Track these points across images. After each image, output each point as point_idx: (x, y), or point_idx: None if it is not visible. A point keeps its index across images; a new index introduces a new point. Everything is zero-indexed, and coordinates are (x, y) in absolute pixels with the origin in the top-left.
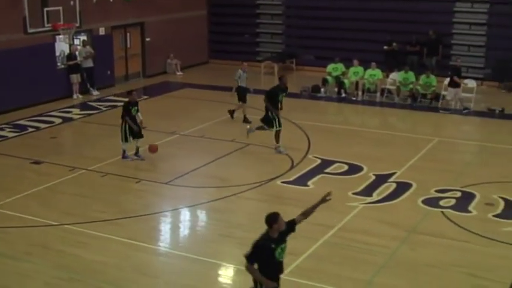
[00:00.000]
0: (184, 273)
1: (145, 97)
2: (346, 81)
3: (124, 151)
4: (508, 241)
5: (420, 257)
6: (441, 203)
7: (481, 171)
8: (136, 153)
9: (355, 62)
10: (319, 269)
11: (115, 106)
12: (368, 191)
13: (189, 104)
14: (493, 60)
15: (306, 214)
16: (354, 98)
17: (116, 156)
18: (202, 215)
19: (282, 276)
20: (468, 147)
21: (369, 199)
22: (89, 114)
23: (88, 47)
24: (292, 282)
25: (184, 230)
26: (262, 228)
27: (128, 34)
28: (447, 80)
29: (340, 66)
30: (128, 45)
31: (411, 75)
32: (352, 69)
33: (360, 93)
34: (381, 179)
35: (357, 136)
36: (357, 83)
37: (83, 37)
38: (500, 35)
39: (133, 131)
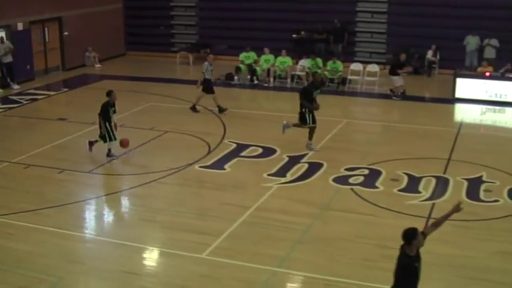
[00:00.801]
0: (109, 258)
1: (65, 90)
2: (258, 68)
3: (110, 150)
4: (412, 213)
5: (333, 231)
6: (350, 180)
7: (386, 149)
8: (109, 154)
9: (266, 50)
10: (237, 247)
11: (35, 99)
12: (282, 172)
13: None
14: (393, 46)
15: (437, 225)
16: (266, 85)
17: (38, 147)
18: (124, 202)
19: (202, 256)
20: (374, 127)
21: (283, 179)
22: (10, 108)
23: (7, 42)
24: (213, 261)
25: (107, 217)
26: (182, 211)
27: (46, 29)
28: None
29: (252, 55)
30: (47, 40)
31: (319, 62)
32: (263, 57)
33: (271, 79)
34: (294, 160)
35: (269, 120)
36: (268, 70)
37: (1, 33)
38: (400, 23)
39: (109, 131)
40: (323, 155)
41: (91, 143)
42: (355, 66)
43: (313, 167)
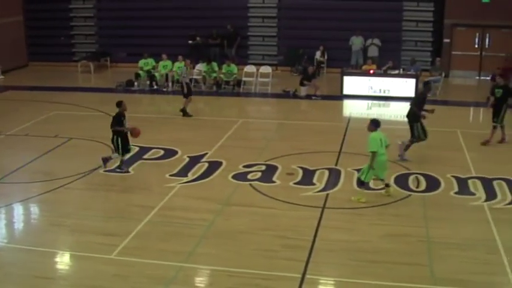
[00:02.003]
0: (21, 264)
1: None
2: (156, 74)
3: (122, 161)
4: (308, 204)
5: (234, 225)
6: (249, 176)
7: (281, 145)
8: (120, 166)
9: (164, 56)
10: (144, 246)
11: None
12: (183, 172)
13: (12, 105)
14: (284, 48)
15: None
16: (165, 89)
17: None
18: (33, 208)
19: (111, 256)
20: (268, 125)
21: (185, 179)
22: None
23: None
24: (122, 261)
25: (18, 224)
26: (90, 214)
27: None
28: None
29: (151, 61)
30: None
31: (214, 65)
32: (161, 63)
33: (169, 84)
34: (195, 160)
35: (170, 123)
36: (166, 75)
37: None
38: (289, 26)
39: (125, 144)
40: (222, 154)
41: (105, 160)
42: (249, 69)
43: (213, 166)
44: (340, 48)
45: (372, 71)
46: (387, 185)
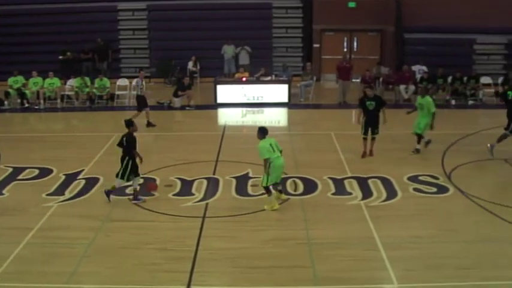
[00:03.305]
0: None
1: None
2: (27, 91)
3: (136, 190)
4: (188, 214)
5: (115, 241)
6: (127, 190)
7: (159, 157)
8: (136, 197)
9: (34, 73)
10: (24, 270)
11: None
12: (60, 191)
13: None
14: (156, 60)
15: None
16: (37, 107)
17: None
18: None
19: None
20: (145, 138)
21: (62, 198)
22: None
23: None
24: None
25: None
26: None
27: None
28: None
29: (20, 79)
30: None
31: (87, 80)
32: (31, 80)
33: (41, 101)
34: (71, 178)
35: (43, 141)
36: (37, 92)
37: None
38: (161, 37)
39: (134, 168)
40: (98, 169)
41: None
42: (122, 82)
43: (91, 182)
44: (212, 57)
45: (244, 79)
46: (281, 191)
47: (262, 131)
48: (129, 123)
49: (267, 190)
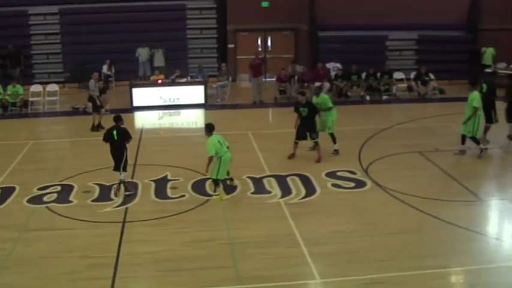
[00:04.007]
0: None
1: None
2: None
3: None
4: (108, 220)
5: (35, 251)
6: (45, 199)
7: (76, 163)
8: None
9: None
10: None
11: None
12: None
13: None
14: (70, 65)
15: None
16: None
17: None
18: None
19: None
20: (61, 144)
21: None
22: None
23: None
24: None
25: None
26: None
27: None
28: None
29: None
30: None
31: None
32: None
33: None
34: None
35: None
36: None
37: None
38: (74, 41)
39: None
40: (14, 179)
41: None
42: (35, 88)
43: (6, 192)
44: (126, 60)
45: (160, 81)
46: (232, 179)
47: (210, 128)
48: (118, 118)
49: (216, 182)
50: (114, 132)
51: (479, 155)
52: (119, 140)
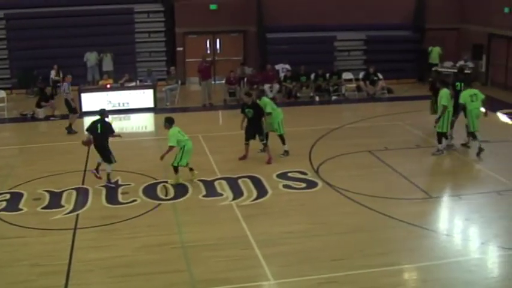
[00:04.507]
0: None
1: None
2: None
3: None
4: (59, 227)
5: None
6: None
7: (25, 171)
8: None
9: None
10: None
11: None
12: None
13: None
14: (17, 70)
15: None
16: None
17: None
18: None
19: None
20: (9, 151)
21: None
22: None
23: None
24: None
25: None
26: None
27: None
28: None
29: None
30: None
31: None
32: None
33: None
34: None
35: None
36: None
37: None
38: (21, 47)
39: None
40: None
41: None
42: None
43: None
44: (75, 65)
45: (109, 86)
46: (191, 169)
47: (170, 121)
48: (102, 111)
49: (176, 169)
50: (99, 125)
51: (434, 152)
52: (102, 133)
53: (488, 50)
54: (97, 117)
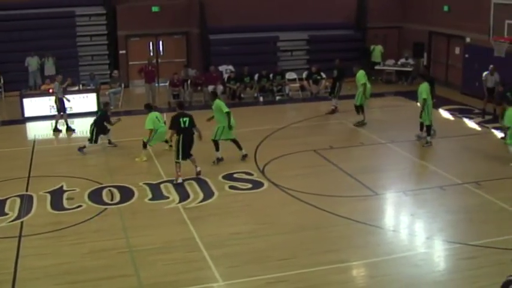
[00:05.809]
0: None
1: None
2: None
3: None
4: (2, 235)
5: None
6: None
7: None
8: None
9: None
10: None
11: None
12: None
13: None
14: None
15: None
16: None
17: None
18: None
19: None
20: None
21: None
22: None
23: None
24: None
25: None
26: None
27: None
28: None
29: None
30: None
31: None
32: None
33: None
34: None
35: None
36: None
37: None
38: None
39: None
40: None
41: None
42: None
43: None
44: (16, 70)
45: (51, 90)
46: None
47: (148, 107)
48: (106, 104)
49: (144, 145)
50: (99, 114)
51: (424, 145)
52: (98, 119)
53: (429, 47)
54: (37, 124)
